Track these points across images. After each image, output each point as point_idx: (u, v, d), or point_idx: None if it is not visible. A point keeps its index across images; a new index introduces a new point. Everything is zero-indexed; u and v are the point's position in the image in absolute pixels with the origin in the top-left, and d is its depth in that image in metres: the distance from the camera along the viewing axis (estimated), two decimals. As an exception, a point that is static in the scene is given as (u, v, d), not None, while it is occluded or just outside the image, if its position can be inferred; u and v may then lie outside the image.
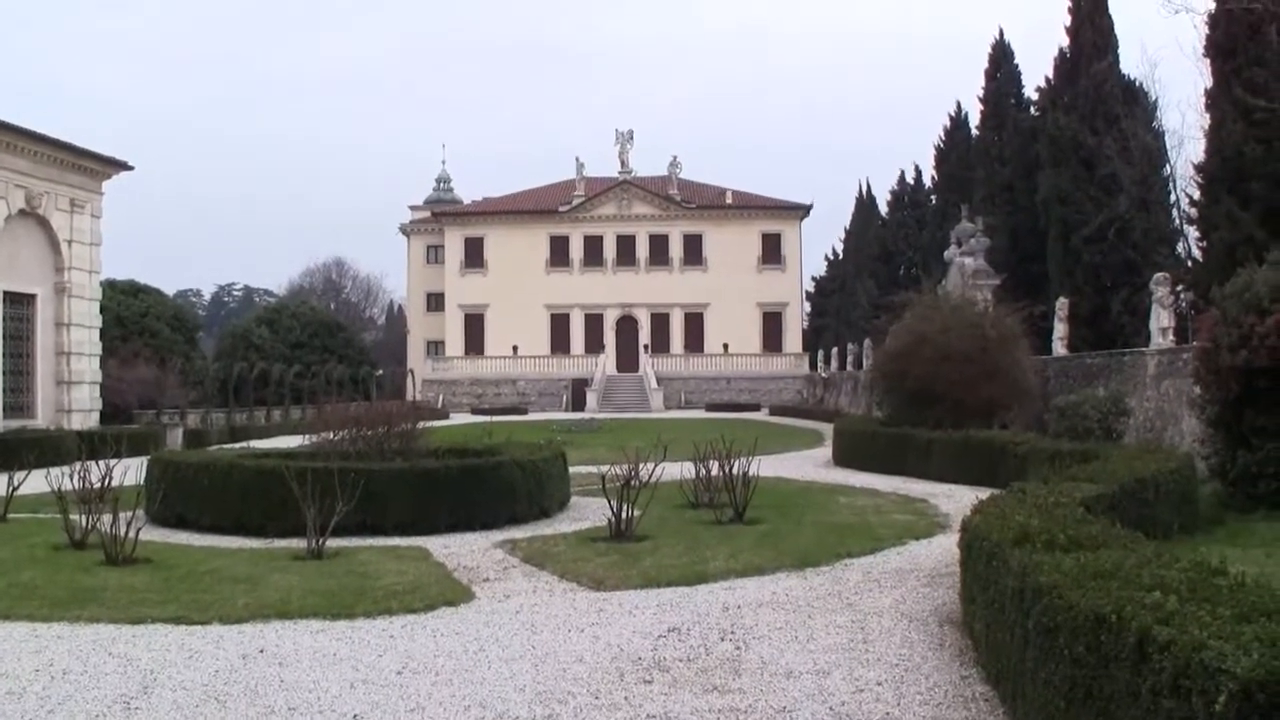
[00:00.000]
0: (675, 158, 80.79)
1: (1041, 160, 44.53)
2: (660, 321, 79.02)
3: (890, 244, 76.73)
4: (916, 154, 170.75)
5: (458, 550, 14.07)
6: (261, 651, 8.90)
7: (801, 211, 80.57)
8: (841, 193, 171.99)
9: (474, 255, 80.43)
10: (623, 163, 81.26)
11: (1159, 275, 25.65)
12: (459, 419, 55.56)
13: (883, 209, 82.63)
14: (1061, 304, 31.52)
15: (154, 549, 13.73)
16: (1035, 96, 50.65)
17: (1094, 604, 5.31)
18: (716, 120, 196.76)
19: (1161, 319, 24.46)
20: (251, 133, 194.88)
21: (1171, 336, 24.40)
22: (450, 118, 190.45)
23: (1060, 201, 41.67)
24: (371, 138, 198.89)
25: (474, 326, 79.61)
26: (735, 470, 16.76)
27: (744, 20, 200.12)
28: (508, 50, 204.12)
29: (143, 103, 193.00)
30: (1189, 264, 36.06)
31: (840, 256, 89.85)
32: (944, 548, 13.13)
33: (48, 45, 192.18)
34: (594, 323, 78.94)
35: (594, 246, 79.76)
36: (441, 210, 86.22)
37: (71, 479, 14.73)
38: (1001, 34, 55.01)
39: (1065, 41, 44.79)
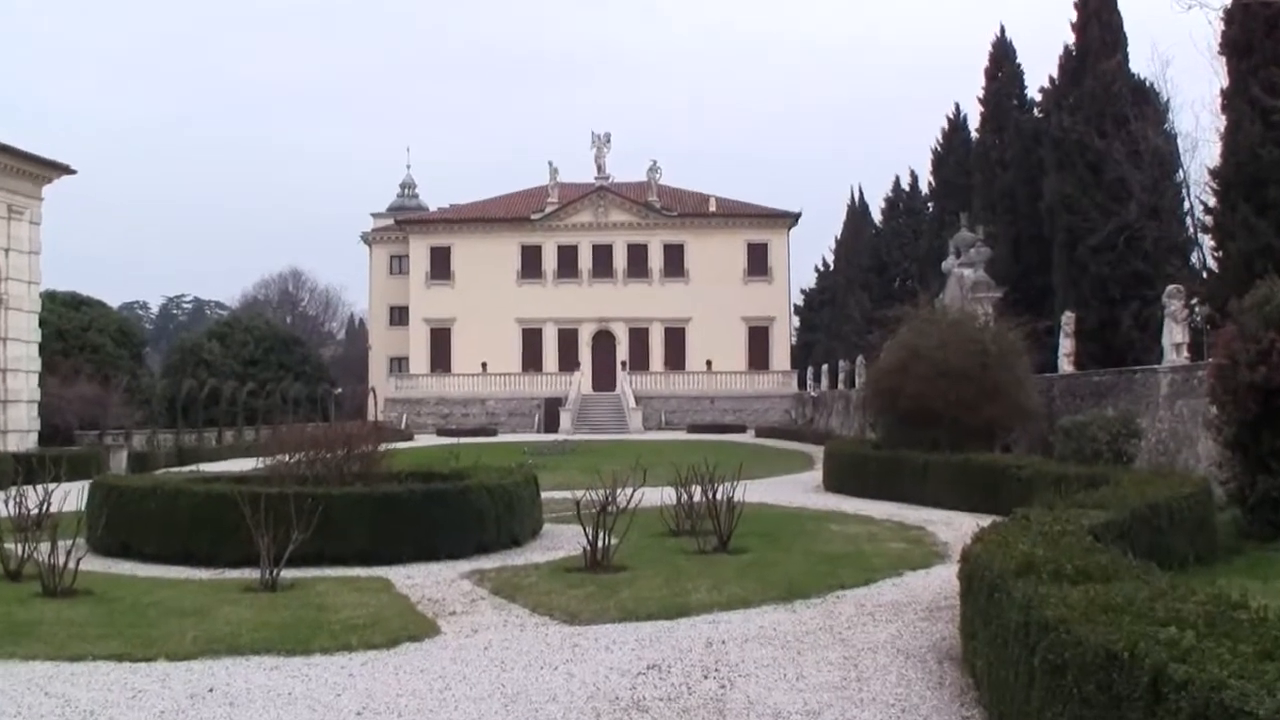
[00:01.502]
0: (655, 162, 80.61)
1: (1045, 165, 44.70)
2: (639, 337, 78.92)
3: (884, 254, 77.07)
4: (912, 159, 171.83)
5: (422, 581, 14.03)
6: (211, 690, 8.85)
7: (789, 220, 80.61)
8: (832, 200, 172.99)
9: (440, 266, 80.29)
10: (599, 168, 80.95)
11: (1172, 287, 25.75)
12: (424, 440, 55.46)
13: (876, 217, 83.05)
14: (1067, 318, 31.62)
15: (95, 580, 13.63)
16: (1039, 97, 50.92)
17: (1105, 639, 5.31)
18: (699, 125, 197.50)
19: (1175, 334, 24.55)
20: (203, 139, 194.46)
21: (1185, 353, 24.48)
22: (417, 123, 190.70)
23: (1065, 209, 41.82)
24: (333, 142, 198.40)
25: (440, 342, 79.38)
26: (719, 495, 16.73)
27: (729, 22, 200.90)
28: (478, 55, 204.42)
29: (85, 109, 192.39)
30: (1204, 275, 36.26)
31: (831, 267, 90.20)
32: (943, 578, 13.14)
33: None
34: (568, 338, 78.76)
35: (568, 257, 79.64)
36: (406, 218, 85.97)
37: (6, 505, 14.64)
38: (1003, 31, 55.22)
39: (1071, 39, 45.03)
